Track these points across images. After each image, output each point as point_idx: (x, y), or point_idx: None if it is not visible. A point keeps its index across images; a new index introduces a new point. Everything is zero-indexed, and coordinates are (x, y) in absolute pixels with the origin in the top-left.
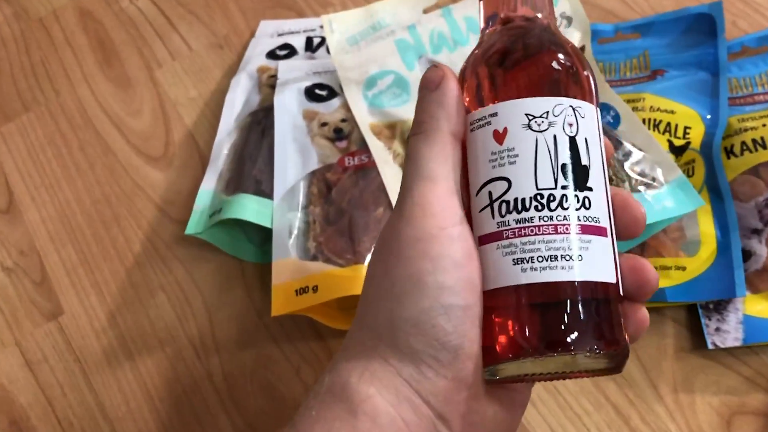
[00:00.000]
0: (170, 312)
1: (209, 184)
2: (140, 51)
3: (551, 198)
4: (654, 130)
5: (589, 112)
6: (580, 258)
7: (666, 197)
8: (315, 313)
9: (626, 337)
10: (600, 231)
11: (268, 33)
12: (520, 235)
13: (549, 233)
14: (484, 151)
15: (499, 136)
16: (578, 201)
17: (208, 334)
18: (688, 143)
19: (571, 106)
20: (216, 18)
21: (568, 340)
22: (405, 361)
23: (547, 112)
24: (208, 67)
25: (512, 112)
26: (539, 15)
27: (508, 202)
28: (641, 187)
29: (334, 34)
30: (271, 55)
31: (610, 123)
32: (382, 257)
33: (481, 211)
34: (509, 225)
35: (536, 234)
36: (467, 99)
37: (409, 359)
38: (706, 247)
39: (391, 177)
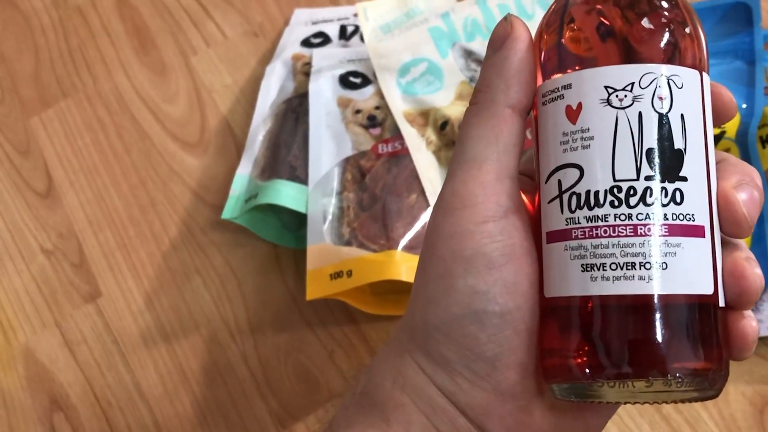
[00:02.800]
0: (206, 295)
1: (245, 170)
2: (176, 38)
3: (631, 191)
4: None
5: (690, 81)
6: (663, 266)
7: None
8: (349, 297)
9: (723, 355)
10: (694, 231)
11: (303, 21)
12: (590, 236)
13: (626, 235)
14: (554, 130)
15: (572, 113)
16: (666, 195)
17: (243, 318)
18: (723, 132)
19: (664, 75)
20: (251, 6)
21: (640, 364)
22: (438, 369)
23: (632, 84)
24: (243, 54)
25: (589, 83)
26: None
27: (578, 195)
28: None
29: (369, 22)
30: (306, 43)
31: None
32: (423, 250)
33: (549, 202)
34: (579, 223)
35: (610, 236)
36: (542, 63)
37: (442, 368)
38: None
39: (424, 164)
